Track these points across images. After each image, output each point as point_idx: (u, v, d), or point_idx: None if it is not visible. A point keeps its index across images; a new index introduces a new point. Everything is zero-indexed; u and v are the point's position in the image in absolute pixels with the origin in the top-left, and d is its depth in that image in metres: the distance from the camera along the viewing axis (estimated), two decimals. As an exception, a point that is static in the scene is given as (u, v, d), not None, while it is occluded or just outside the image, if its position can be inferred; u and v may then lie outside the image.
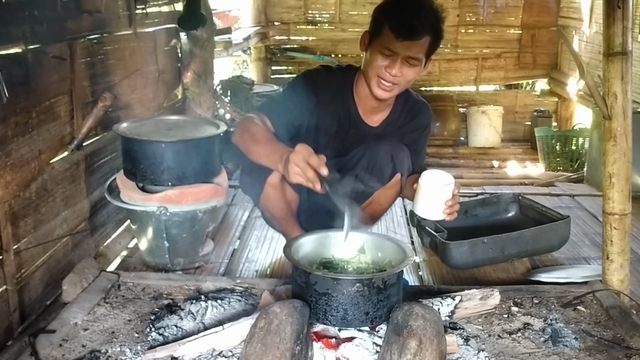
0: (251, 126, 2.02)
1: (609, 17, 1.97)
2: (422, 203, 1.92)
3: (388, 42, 1.96)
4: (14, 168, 1.98)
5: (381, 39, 1.98)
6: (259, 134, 1.99)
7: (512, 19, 6.62)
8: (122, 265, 2.63)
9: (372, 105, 2.18)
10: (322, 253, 1.86)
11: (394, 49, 1.96)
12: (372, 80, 2.05)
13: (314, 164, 1.66)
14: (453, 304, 1.89)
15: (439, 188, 1.88)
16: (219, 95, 4.82)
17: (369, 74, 2.06)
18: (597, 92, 2.03)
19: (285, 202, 2.25)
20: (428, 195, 1.90)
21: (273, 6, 6.60)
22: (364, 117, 2.21)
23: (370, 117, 2.23)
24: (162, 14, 3.69)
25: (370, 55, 2.04)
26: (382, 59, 1.99)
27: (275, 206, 2.25)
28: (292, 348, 1.43)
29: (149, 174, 2.43)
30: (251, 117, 2.08)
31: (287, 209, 2.27)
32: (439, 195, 1.88)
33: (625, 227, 2.09)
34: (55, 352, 1.70)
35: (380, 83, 2.04)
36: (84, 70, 2.54)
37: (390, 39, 1.95)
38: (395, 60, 1.98)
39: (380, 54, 1.99)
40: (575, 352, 1.77)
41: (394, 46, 1.96)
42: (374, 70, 2.02)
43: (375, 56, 2.01)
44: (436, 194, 1.88)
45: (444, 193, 1.87)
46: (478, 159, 5.92)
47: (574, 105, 6.49)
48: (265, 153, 1.93)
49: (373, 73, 2.03)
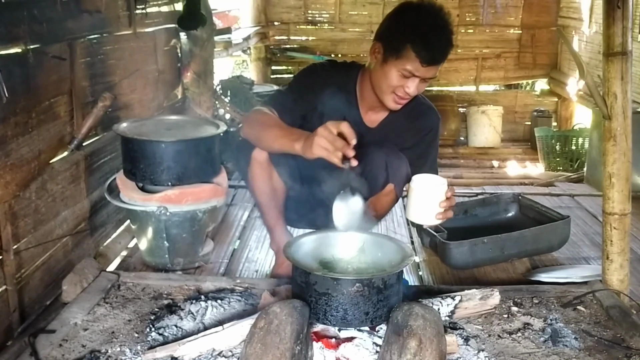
0: (260, 117, 2.03)
1: (608, 17, 1.97)
2: (413, 208, 1.87)
3: (411, 66, 1.92)
4: (13, 168, 1.98)
5: (402, 60, 1.93)
6: (270, 121, 1.99)
7: (512, 19, 6.62)
8: (122, 265, 2.63)
9: (374, 105, 2.15)
10: (322, 253, 1.86)
11: (416, 73, 1.94)
12: (386, 95, 2.02)
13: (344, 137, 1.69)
14: (453, 304, 1.89)
15: (429, 190, 1.83)
16: (218, 95, 4.82)
17: (382, 89, 2.02)
18: (597, 92, 2.03)
19: (271, 188, 2.21)
20: (418, 199, 1.85)
21: (273, 6, 6.60)
22: (363, 117, 2.19)
23: (370, 117, 2.20)
24: (162, 13, 3.69)
25: (386, 72, 1.98)
26: (401, 79, 1.96)
27: (260, 188, 2.21)
28: (292, 348, 1.43)
29: (148, 174, 2.43)
30: (259, 109, 2.08)
31: (272, 195, 2.23)
32: (430, 198, 1.83)
33: (625, 227, 2.09)
34: (55, 352, 1.70)
35: (395, 98, 2.02)
36: (84, 70, 2.54)
37: (414, 62, 1.91)
38: (414, 80, 1.97)
39: (399, 73, 1.95)
40: (575, 352, 1.77)
41: (417, 70, 1.93)
42: (391, 88, 1.99)
43: (393, 74, 1.96)
44: (427, 197, 1.83)
45: (436, 195, 1.82)
46: (478, 159, 5.92)
47: (573, 105, 6.49)
48: (279, 135, 1.92)
49: (389, 90, 2.00)
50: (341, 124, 1.70)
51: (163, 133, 2.50)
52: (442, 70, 6.54)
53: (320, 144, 1.69)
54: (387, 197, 2.24)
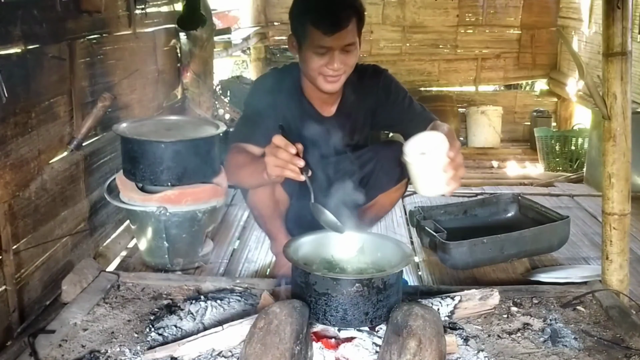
0: (233, 159, 2.05)
1: (608, 18, 1.96)
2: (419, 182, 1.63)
3: (318, 41, 1.92)
4: (13, 168, 1.98)
5: (310, 40, 1.94)
6: (241, 160, 2.00)
7: (511, 19, 6.62)
8: (122, 266, 2.63)
9: (323, 97, 2.14)
10: (322, 253, 1.86)
11: (327, 45, 1.93)
12: (317, 80, 2.01)
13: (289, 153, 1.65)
14: (452, 304, 1.89)
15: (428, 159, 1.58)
16: (218, 96, 4.82)
17: (311, 75, 2.02)
18: (597, 92, 2.03)
19: (273, 201, 2.22)
20: (420, 171, 1.61)
21: (273, 6, 6.59)
22: (319, 110, 2.18)
23: (325, 108, 2.19)
24: (161, 14, 3.69)
25: (305, 58, 1.99)
26: (319, 58, 1.96)
27: (263, 202, 2.22)
28: (292, 348, 1.43)
29: (148, 174, 2.43)
30: (231, 152, 2.08)
31: (274, 208, 2.24)
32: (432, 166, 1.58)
33: (625, 227, 2.09)
34: (54, 353, 1.70)
35: (326, 79, 2.01)
36: (84, 71, 2.54)
37: (319, 36, 1.91)
38: (332, 55, 1.94)
39: (314, 54, 1.95)
40: (574, 352, 1.77)
41: (325, 42, 1.92)
42: (315, 71, 1.99)
43: (311, 57, 1.97)
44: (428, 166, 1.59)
45: (437, 161, 1.57)
46: (477, 159, 5.91)
47: (573, 106, 6.49)
48: (250, 172, 1.94)
49: (315, 73, 2.00)
50: (273, 139, 1.67)
51: (163, 133, 2.50)
52: (441, 71, 6.69)
53: (272, 164, 1.69)
54: (396, 192, 2.26)
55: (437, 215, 2.97)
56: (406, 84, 2.32)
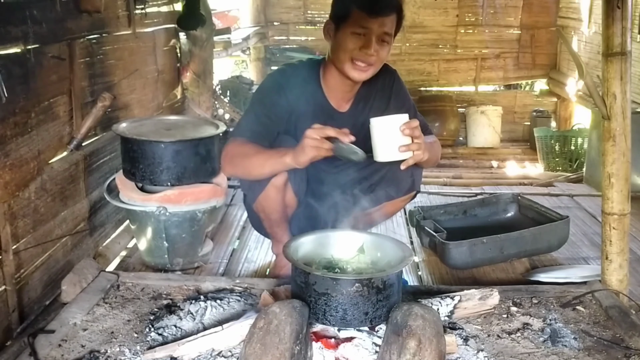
0: (238, 149, 2.02)
1: (608, 18, 1.97)
2: (376, 147, 1.83)
3: (360, 21, 1.94)
4: (13, 168, 1.98)
5: (351, 21, 1.96)
6: (250, 150, 1.99)
7: (511, 19, 6.63)
8: (122, 266, 2.63)
9: (342, 92, 2.15)
10: (322, 253, 1.86)
11: (367, 26, 1.94)
12: (345, 64, 2.01)
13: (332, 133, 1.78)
14: (452, 304, 1.89)
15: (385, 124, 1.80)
16: (218, 96, 4.82)
17: (341, 58, 2.02)
18: (596, 92, 2.03)
19: (283, 205, 2.23)
20: (377, 136, 1.82)
21: (272, 6, 6.60)
22: (335, 106, 2.18)
23: (341, 104, 2.19)
24: (161, 14, 3.69)
25: (340, 40, 2.00)
26: (355, 40, 1.97)
27: (272, 207, 2.23)
28: (292, 348, 1.43)
29: (148, 174, 2.43)
30: (232, 143, 2.06)
31: (283, 212, 2.25)
32: (388, 132, 1.79)
33: (625, 227, 2.09)
34: (54, 352, 1.70)
35: (355, 65, 2.00)
36: (83, 70, 2.54)
37: (362, 17, 1.93)
38: (369, 38, 1.96)
39: (352, 35, 1.96)
40: (574, 352, 1.77)
41: (367, 23, 1.94)
42: (348, 54, 1.99)
43: (347, 39, 1.98)
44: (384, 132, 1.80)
45: (392, 128, 1.79)
46: (477, 159, 5.92)
47: (573, 106, 6.49)
48: (265, 158, 1.96)
49: (347, 57, 2.00)
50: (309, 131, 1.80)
51: (162, 133, 2.50)
52: (441, 71, 6.70)
53: (310, 145, 1.79)
54: (403, 202, 2.30)
55: (436, 215, 2.97)
56: (406, 84, 2.32)
